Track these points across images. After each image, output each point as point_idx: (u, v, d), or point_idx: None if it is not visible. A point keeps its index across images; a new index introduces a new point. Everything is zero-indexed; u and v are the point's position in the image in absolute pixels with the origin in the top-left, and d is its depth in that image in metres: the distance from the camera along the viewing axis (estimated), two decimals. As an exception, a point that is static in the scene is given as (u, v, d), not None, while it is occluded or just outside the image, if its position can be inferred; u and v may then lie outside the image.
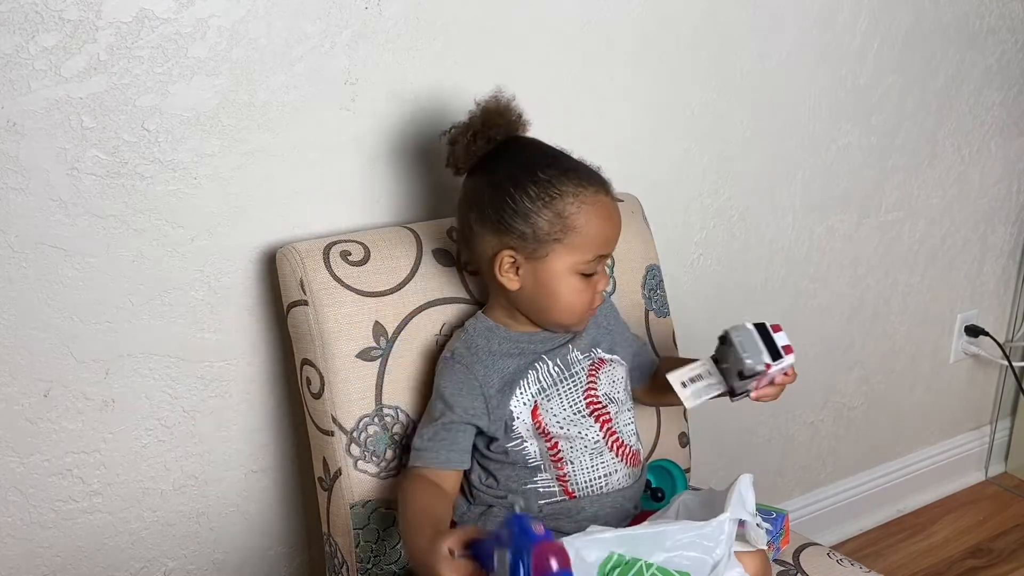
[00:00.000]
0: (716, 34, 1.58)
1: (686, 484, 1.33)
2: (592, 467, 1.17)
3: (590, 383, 1.19)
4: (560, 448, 1.16)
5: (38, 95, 1.08)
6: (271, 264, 1.26)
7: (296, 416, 1.36)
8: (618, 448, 1.19)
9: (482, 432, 1.16)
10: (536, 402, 1.16)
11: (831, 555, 1.32)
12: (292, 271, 1.20)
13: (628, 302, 1.39)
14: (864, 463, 2.15)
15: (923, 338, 2.14)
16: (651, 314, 1.42)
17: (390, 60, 1.29)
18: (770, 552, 1.27)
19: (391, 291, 1.22)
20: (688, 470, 1.44)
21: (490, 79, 1.37)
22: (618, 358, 1.24)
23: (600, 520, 1.17)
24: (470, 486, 1.19)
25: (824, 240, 1.87)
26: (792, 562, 1.30)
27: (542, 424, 1.15)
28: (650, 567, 0.98)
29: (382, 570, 1.23)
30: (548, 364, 1.18)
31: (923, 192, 1.99)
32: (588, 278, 1.14)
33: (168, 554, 1.32)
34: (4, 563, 1.21)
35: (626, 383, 1.24)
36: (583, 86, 1.47)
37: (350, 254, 1.21)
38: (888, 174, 1.91)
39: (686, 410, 1.47)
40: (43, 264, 1.14)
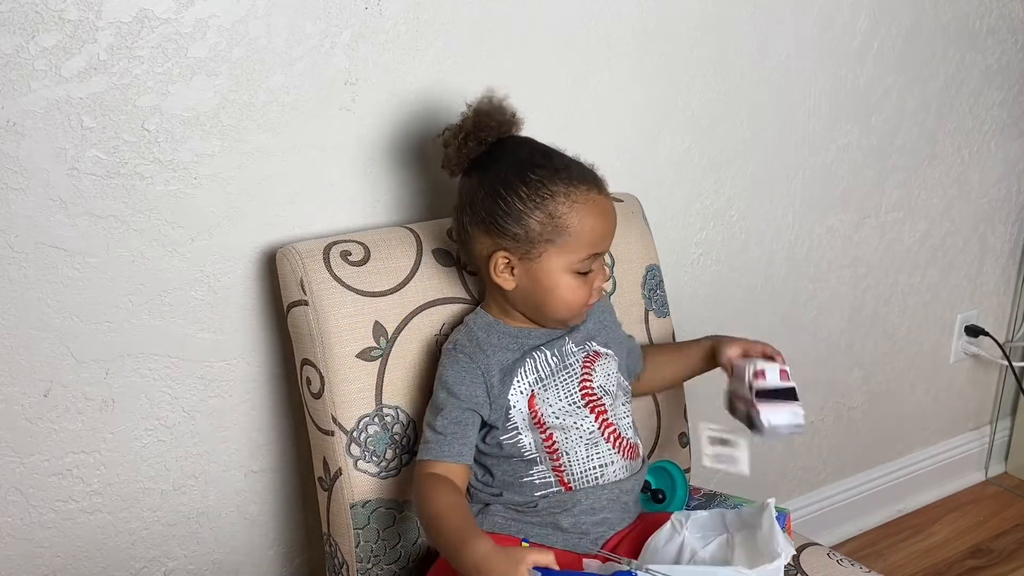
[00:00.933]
0: (716, 34, 1.58)
1: (686, 484, 1.33)
2: (587, 457, 1.17)
3: (585, 375, 1.19)
4: (555, 439, 1.16)
5: (38, 95, 1.08)
6: (271, 264, 1.26)
7: (296, 416, 1.36)
8: (615, 439, 1.19)
9: (483, 422, 1.16)
10: (533, 391, 1.16)
11: (831, 555, 1.32)
12: (292, 271, 1.20)
13: (628, 302, 1.39)
14: (864, 463, 2.15)
15: (923, 338, 2.14)
16: (651, 314, 1.42)
17: (390, 60, 1.29)
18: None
19: (391, 291, 1.22)
20: (688, 470, 1.44)
21: (490, 79, 1.37)
22: (612, 353, 1.24)
23: (597, 512, 1.17)
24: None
25: (824, 240, 1.87)
26: (792, 562, 1.30)
27: (538, 414, 1.16)
28: None
29: (382, 570, 1.23)
30: (546, 354, 1.18)
31: (923, 192, 1.99)
32: (584, 275, 1.14)
33: (168, 554, 1.32)
34: (4, 563, 1.21)
35: (620, 377, 1.24)
36: (583, 86, 1.47)
37: (350, 254, 1.21)
38: (888, 174, 1.91)
39: (686, 410, 1.47)
40: (43, 264, 1.14)
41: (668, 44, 1.53)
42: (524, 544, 1.08)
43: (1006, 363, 2.25)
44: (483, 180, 1.14)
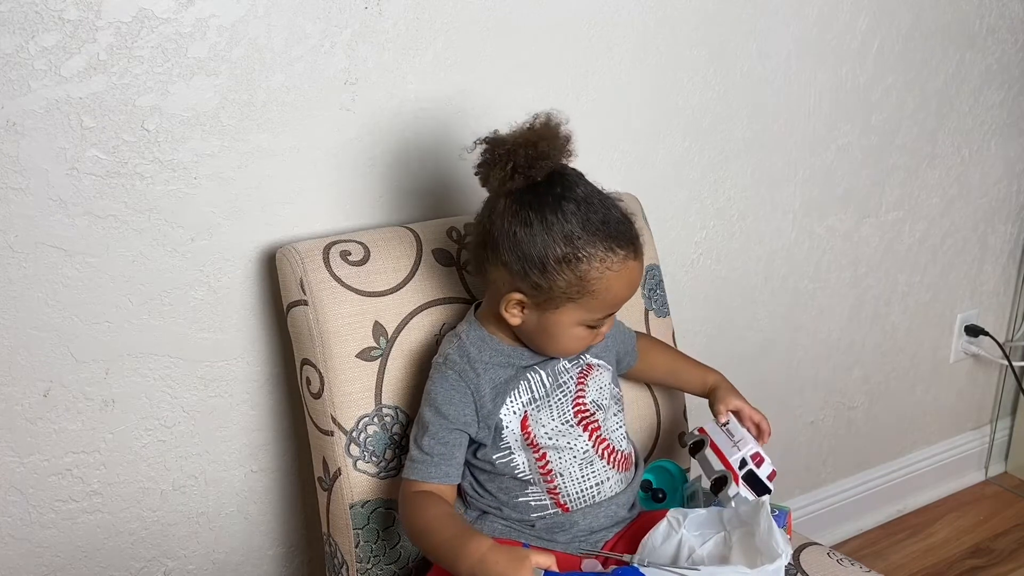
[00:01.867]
0: (716, 34, 1.58)
1: (686, 483, 1.33)
2: (583, 477, 1.16)
3: (579, 391, 1.17)
4: (549, 460, 1.15)
5: (38, 95, 1.08)
6: (271, 264, 1.26)
7: (296, 416, 1.36)
8: (609, 455, 1.18)
9: (471, 440, 1.15)
10: (526, 412, 1.14)
11: (831, 555, 1.32)
12: (292, 271, 1.20)
13: (628, 302, 1.39)
14: (864, 463, 2.15)
15: (923, 338, 2.14)
16: (651, 314, 1.42)
17: (390, 60, 1.29)
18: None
19: (391, 291, 1.22)
20: (688, 470, 1.44)
21: (490, 79, 1.37)
22: (604, 363, 1.22)
23: (595, 531, 1.16)
24: (461, 492, 1.19)
25: (824, 240, 1.87)
26: (792, 562, 1.30)
27: (531, 435, 1.14)
28: None
29: (382, 570, 1.23)
30: (540, 375, 1.16)
31: (923, 192, 1.99)
32: (592, 328, 1.12)
33: (168, 554, 1.32)
34: (4, 563, 1.21)
35: (612, 388, 1.22)
36: (583, 86, 1.47)
37: (350, 254, 1.21)
38: (888, 174, 1.91)
39: (685, 409, 1.47)
40: (43, 264, 1.14)
41: (668, 44, 1.53)
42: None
43: (1006, 363, 2.25)
44: (518, 216, 1.06)
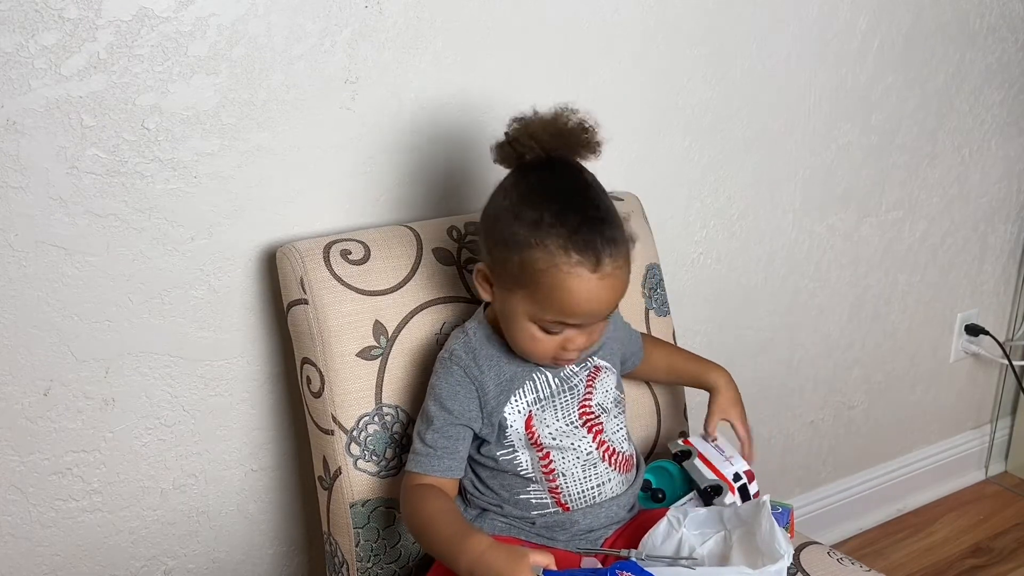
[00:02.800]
0: (716, 34, 1.58)
1: (685, 483, 1.33)
2: (584, 478, 1.15)
3: (587, 394, 1.17)
4: (552, 459, 1.14)
5: (38, 94, 1.08)
6: (271, 263, 1.26)
7: (296, 415, 1.36)
8: (611, 457, 1.17)
9: (475, 435, 1.15)
10: (531, 412, 1.14)
11: (831, 554, 1.32)
12: (292, 270, 1.20)
13: (628, 301, 1.38)
14: (864, 462, 2.15)
15: (923, 337, 2.14)
16: (651, 313, 1.42)
17: (390, 59, 1.29)
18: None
19: (391, 290, 1.22)
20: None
21: (490, 77, 1.37)
22: (609, 365, 1.22)
23: (595, 530, 1.16)
24: (462, 490, 1.19)
25: (824, 239, 1.87)
26: (792, 561, 1.30)
27: (535, 434, 1.14)
28: None
29: (382, 569, 1.23)
30: (547, 375, 1.15)
31: (923, 191, 1.99)
32: (550, 332, 1.07)
33: (168, 553, 1.32)
34: (4, 562, 1.21)
35: (616, 392, 1.21)
36: (583, 85, 1.47)
37: (350, 253, 1.21)
38: (888, 173, 1.91)
39: (686, 409, 1.47)
40: (43, 263, 1.14)
41: (668, 43, 1.53)
42: None
43: (1006, 362, 2.25)
44: (510, 190, 1.07)
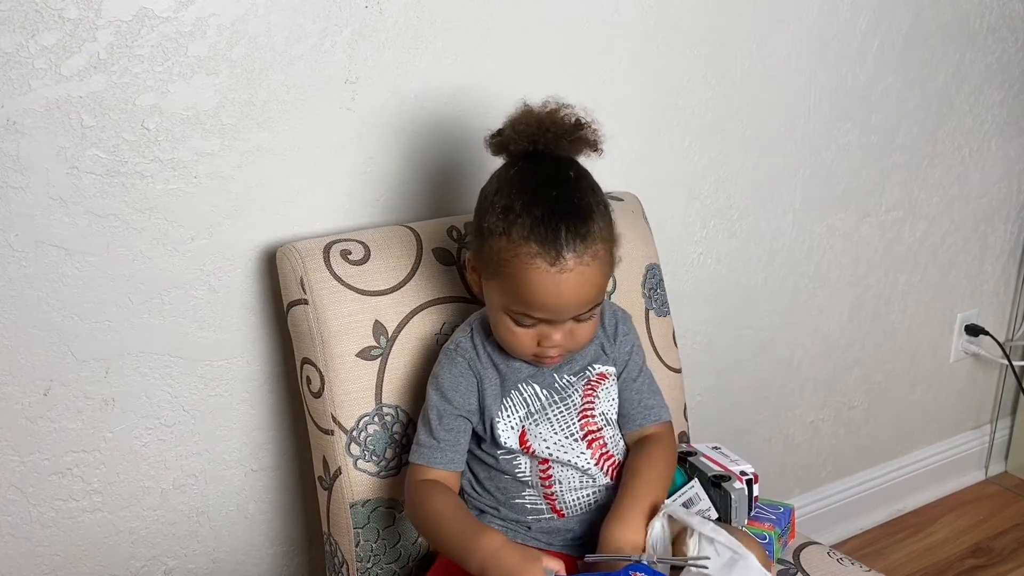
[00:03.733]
0: (716, 33, 1.58)
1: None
2: (581, 487, 1.14)
3: (586, 404, 1.15)
4: (551, 466, 1.14)
5: (38, 94, 1.08)
6: (271, 263, 1.26)
7: (296, 415, 1.36)
8: (612, 470, 1.16)
9: (473, 430, 1.15)
10: (524, 427, 1.13)
11: (831, 554, 1.32)
12: (292, 270, 1.20)
13: (628, 301, 1.39)
14: (864, 462, 2.15)
15: (923, 337, 2.14)
16: (651, 313, 1.42)
17: (390, 59, 1.29)
18: (779, 546, 1.27)
19: (391, 290, 1.22)
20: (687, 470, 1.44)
21: (490, 77, 1.37)
22: (615, 371, 1.19)
23: (589, 537, 1.14)
24: (461, 490, 1.18)
25: (824, 239, 1.87)
26: (792, 561, 1.30)
27: (531, 449, 1.13)
28: None
29: (382, 569, 1.23)
30: (534, 387, 1.14)
31: (923, 191, 1.99)
32: (525, 325, 1.07)
33: (168, 553, 1.32)
34: (4, 562, 1.21)
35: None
36: (583, 85, 1.47)
37: (350, 253, 1.21)
38: (888, 173, 1.91)
39: (686, 407, 1.47)
40: (43, 263, 1.14)
41: (668, 43, 1.53)
42: None
43: (1006, 362, 2.25)
44: (495, 178, 1.08)
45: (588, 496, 1.15)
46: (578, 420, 1.14)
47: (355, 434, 1.20)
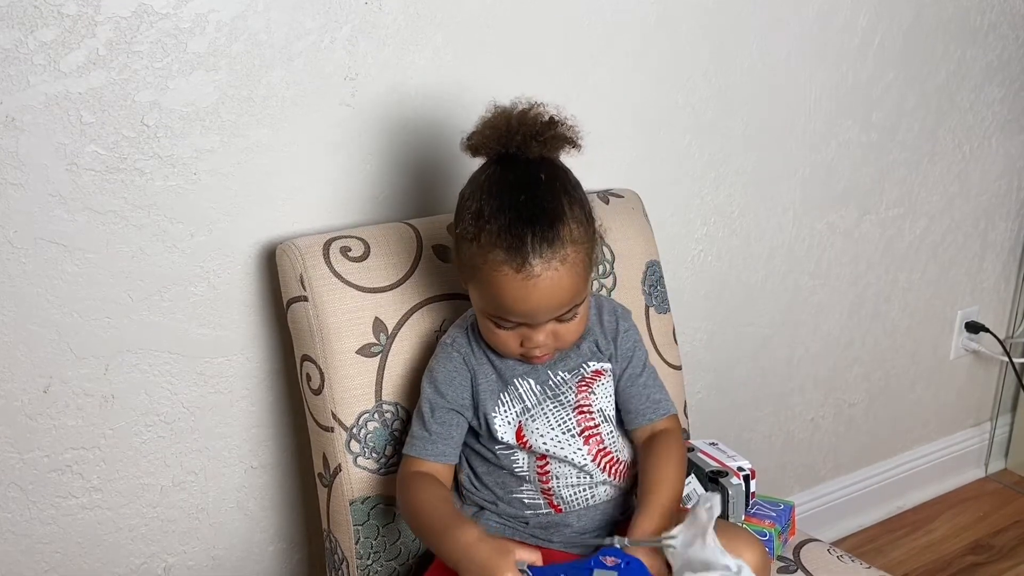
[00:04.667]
0: (717, 31, 1.57)
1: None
2: (578, 483, 1.14)
3: (580, 400, 1.14)
4: (549, 462, 1.14)
5: (37, 90, 1.08)
6: (271, 260, 1.26)
7: (296, 412, 1.36)
8: (610, 467, 1.15)
9: (469, 425, 1.15)
10: (520, 422, 1.13)
11: (831, 551, 1.32)
12: (292, 267, 1.20)
13: (628, 298, 1.39)
14: (864, 459, 2.15)
15: (923, 334, 2.14)
16: (651, 310, 1.42)
17: (389, 55, 1.29)
18: (779, 543, 1.27)
19: (391, 287, 1.22)
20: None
21: (490, 75, 1.37)
22: (612, 367, 1.18)
23: (588, 532, 1.15)
24: (459, 486, 1.19)
25: (824, 237, 1.86)
26: (792, 558, 1.30)
27: (528, 444, 1.13)
28: None
29: (382, 566, 1.23)
30: (529, 382, 1.14)
31: (924, 188, 1.99)
32: (505, 328, 1.06)
33: (168, 550, 1.32)
34: (4, 559, 1.21)
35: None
36: (583, 83, 1.47)
37: (350, 250, 1.21)
38: (889, 171, 1.91)
39: (686, 405, 1.47)
40: (42, 260, 1.13)
41: (669, 40, 1.53)
42: None
43: (1006, 359, 2.25)
44: (469, 181, 1.07)
45: (585, 492, 1.15)
46: (575, 416, 1.14)
47: (355, 431, 1.20)
